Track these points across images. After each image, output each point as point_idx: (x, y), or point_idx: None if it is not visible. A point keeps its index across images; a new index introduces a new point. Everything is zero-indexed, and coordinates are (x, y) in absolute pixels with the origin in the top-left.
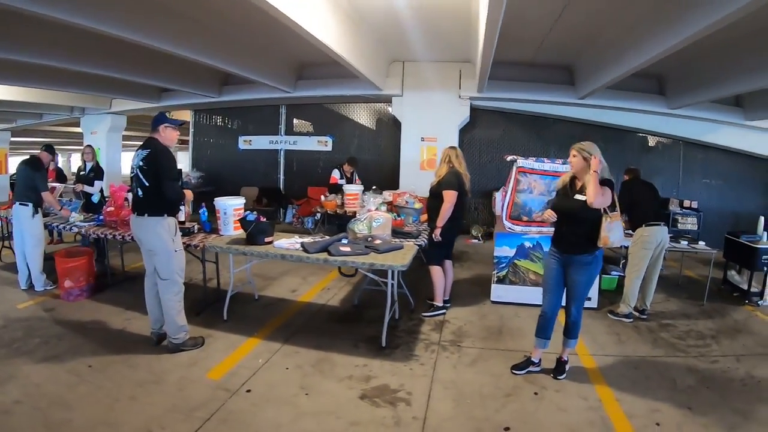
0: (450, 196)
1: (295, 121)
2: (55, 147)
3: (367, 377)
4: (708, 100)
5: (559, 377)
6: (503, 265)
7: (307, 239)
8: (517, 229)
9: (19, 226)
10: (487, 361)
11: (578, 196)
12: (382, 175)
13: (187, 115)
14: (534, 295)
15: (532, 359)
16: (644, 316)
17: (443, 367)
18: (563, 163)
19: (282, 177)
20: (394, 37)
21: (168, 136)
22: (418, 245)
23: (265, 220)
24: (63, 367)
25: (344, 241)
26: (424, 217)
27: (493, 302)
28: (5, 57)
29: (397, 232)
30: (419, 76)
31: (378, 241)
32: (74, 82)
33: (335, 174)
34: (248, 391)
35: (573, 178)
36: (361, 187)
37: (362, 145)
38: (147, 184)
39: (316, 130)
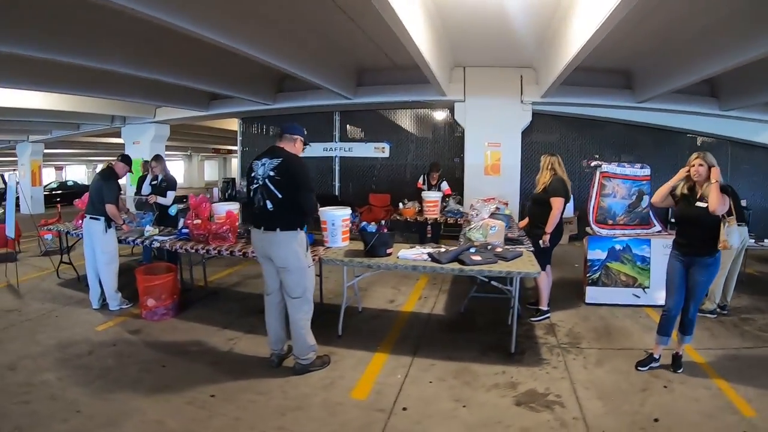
0: (559, 203)
1: (349, 127)
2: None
3: (512, 384)
4: (763, 102)
5: (677, 371)
6: (596, 267)
7: (426, 249)
8: (604, 232)
9: (90, 241)
10: (611, 360)
11: (699, 204)
12: (446, 179)
13: (234, 124)
14: (625, 296)
15: (654, 356)
16: (725, 312)
17: (575, 368)
18: (641, 168)
19: (338, 184)
20: (461, 41)
21: (299, 148)
22: (531, 251)
23: (386, 231)
24: (181, 398)
25: (472, 250)
26: (522, 223)
27: (588, 304)
28: (45, 57)
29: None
30: (481, 81)
31: (499, 249)
32: (119, 88)
33: (420, 180)
34: (404, 409)
35: (692, 186)
36: (440, 194)
37: (420, 151)
38: (280, 196)
39: (371, 136)
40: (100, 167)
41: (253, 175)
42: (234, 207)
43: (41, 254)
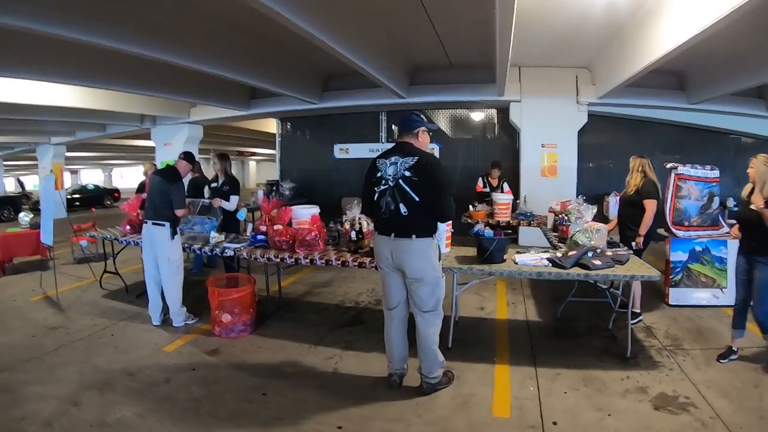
0: (652, 205)
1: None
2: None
3: (641, 389)
4: None
5: None
6: (678, 269)
7: (541, 254)
8: (680, 234)
9: (153, 250)
10: (715, 360)
11: (752, 206)
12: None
13: (271, 125)
14: (706, 297)
15: (733, 348)
16: None
17: (689, 369)
18: (711, 169)
19: None
20: (522, 39)
21: (425, 141)
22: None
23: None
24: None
25: (590, 254)
26: (611, 225)
27: (671, 306)
28: (75, 37)
29: None
30: (536, 81)
31: (609, 252)
32: (156, 81)
33: (479, 182)
34: (554, 423)
35: (752, 189)
36: (511, 197)
37: (471, 152)
38: (417, 200)
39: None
40: (117, 171)
41: (379, 175)
42: (316, 210)
43: (75, 262)
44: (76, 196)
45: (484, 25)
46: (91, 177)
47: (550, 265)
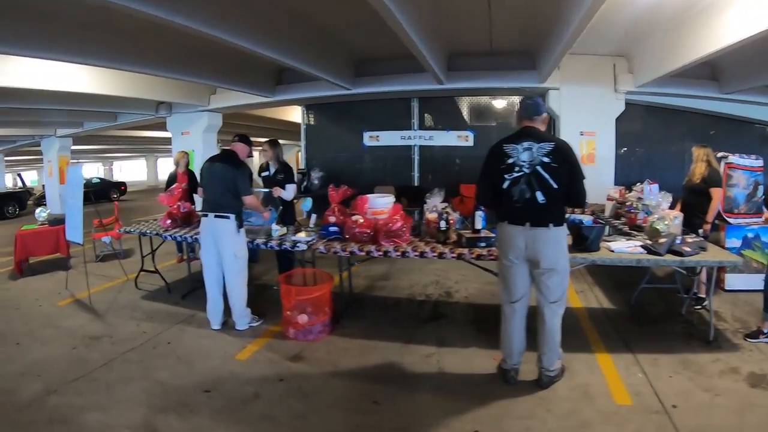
0: (719, 193)
1: (427, 115)
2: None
3: (732, 369)
4: None
5: None
6: None
7: (634, 242)
8: (732, 221)
9: (215, 245)
10: None
11: None
12: None
13: (289, 113)
14: (758, 281)
15: (763, 330)
16: None
17: (765, 349)
18: (756, 159)
19: (417, 174)
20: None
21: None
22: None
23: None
24: None
25: (678, 241)
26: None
27: (727, 291)
28: None
29: None
30: (574, 68)
31: (690, 239)
32: (176, 62)
33: None
34: (674, 406)
35: None
36: None
37: None
38: (555, 187)
39: (450, 124)
40: (117, 165)
41: (511, 161)
42: (392, 200)
43: (98, 259)
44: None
45: (547, 15)
46: (91, 171)
47: (645, 252)
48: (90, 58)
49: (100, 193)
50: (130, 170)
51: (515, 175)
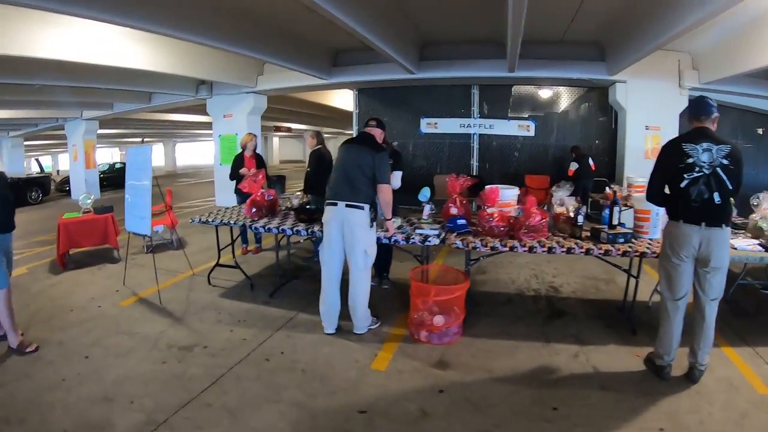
0: None
1: (487, 103)
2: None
3: None
4: None
5: None
6: None
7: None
8: None
9: (341, 238)
10: None
11: None
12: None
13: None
14: None
15: None
16: None
17: None
18: None
19: (476, 164)
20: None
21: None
22: None
23: None
24: None
25: None
26: None
27: None
28: None
29: None
30: (641, 63)
31: None
32: (231, 31)
33: (572, 166)
34: None
35: None
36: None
37: (566, 131)
38: (731, 188)
39: (510, 113)
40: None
41: (691, 161)
42: (517, 192)
43: (149, 251)
44: (104, 175)
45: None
46: (105, 156)
47: (764, 250)
48: (129, 17)
49: (124, 178)
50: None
51: (695, 175)
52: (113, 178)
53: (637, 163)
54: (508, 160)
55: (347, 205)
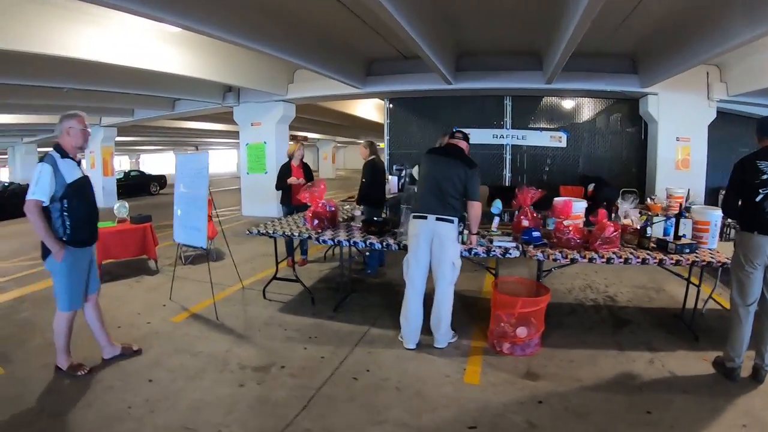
0: None
1: (519, 114)
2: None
3: None
4: None
5: None
6: None
7: None
8: None
9: (428, 252)
10: None
11: None
12: (619, 173)
13: (353, 107)
14: None
15: None
16: None
17: None
18: None
19: (508, 174)
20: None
21: None
22: None
23: None
24: None
25: None
26: None
27: None
28: None
29: None
30: None
31: None
32: (260, 28)
33: (590, 186)
34: None
35: None
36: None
37: (596, 142)
38: None
39: (541, 124)
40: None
41: (765, 177)
42: (585, 204)
43: (188, 262)
44: (119, 183)
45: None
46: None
47: None
48: (158, 9)
49: (140, 186)
50: (151, 163)
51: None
52: (128, 186)
53: (669, 174)
54: (539, 170)
55: (437, 218)
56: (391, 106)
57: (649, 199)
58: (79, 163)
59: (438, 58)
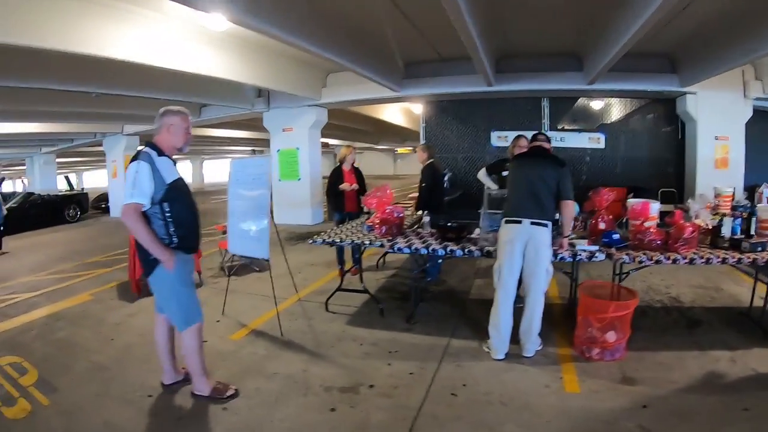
0: None
1: (556, 115)
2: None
3: None
4: None
5: None
6: None
7: None
8: None
9: (521, 258)
10: None
11: None
12: (656, 173)
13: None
14: None
15: None
16: None
17: None
18: None
19: None
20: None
21: None
22: None
23: None
24: None
25: None
26: None
27: None
28: None
29: None
30: None
31: None
32: (297, 21)
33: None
34: None
35: None
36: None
37: (633, 142)
38: None
39: (579, 125)
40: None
41: None
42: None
43: (230, 273)
44: None
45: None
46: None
47: None
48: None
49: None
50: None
51: None
52: None
53: (708, 173)
54: (578, 172)
55: (533, 223)
56: (426, 109)
57: (689, 201)
58: (174, 163)
59: (487, 58)
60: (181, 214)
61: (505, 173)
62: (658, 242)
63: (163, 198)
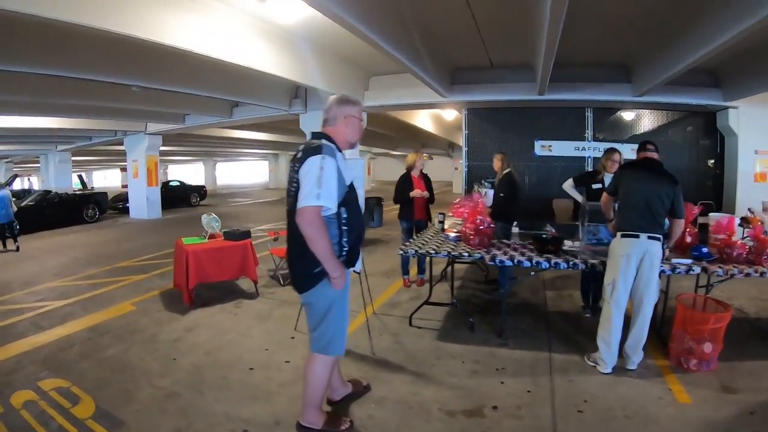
0: None
1: (598, 126)
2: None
3: None
4: None
5: None
6: None
7: None
8: None
9: (638, 272)
10: None
11: None
12: (695, 185)
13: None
14: None
15: None
16: None
17: None
18: None
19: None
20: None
21: None
22: None
23: None
24: None
25: None
26: None
27: None
28: None
29: None
30: None
31: None
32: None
33: None
34: None
35: None
36: None
37: (673, 155)
38: None
39: (619, 137)
40: (173, 169)
41: None
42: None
43: (285, 283)
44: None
45: None
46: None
47: None
48: None
49: (178, 198)
50: (180, 174)
51: None
52: (168, 198)
53: (748, 187)
54: None
55: (649, 237)
56: (469, 116)
57: (749, 212)
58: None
59: (548, 66)
60: (355, 222)
61: (595, 186)
62: (744, 256)
63: (343, 202)
